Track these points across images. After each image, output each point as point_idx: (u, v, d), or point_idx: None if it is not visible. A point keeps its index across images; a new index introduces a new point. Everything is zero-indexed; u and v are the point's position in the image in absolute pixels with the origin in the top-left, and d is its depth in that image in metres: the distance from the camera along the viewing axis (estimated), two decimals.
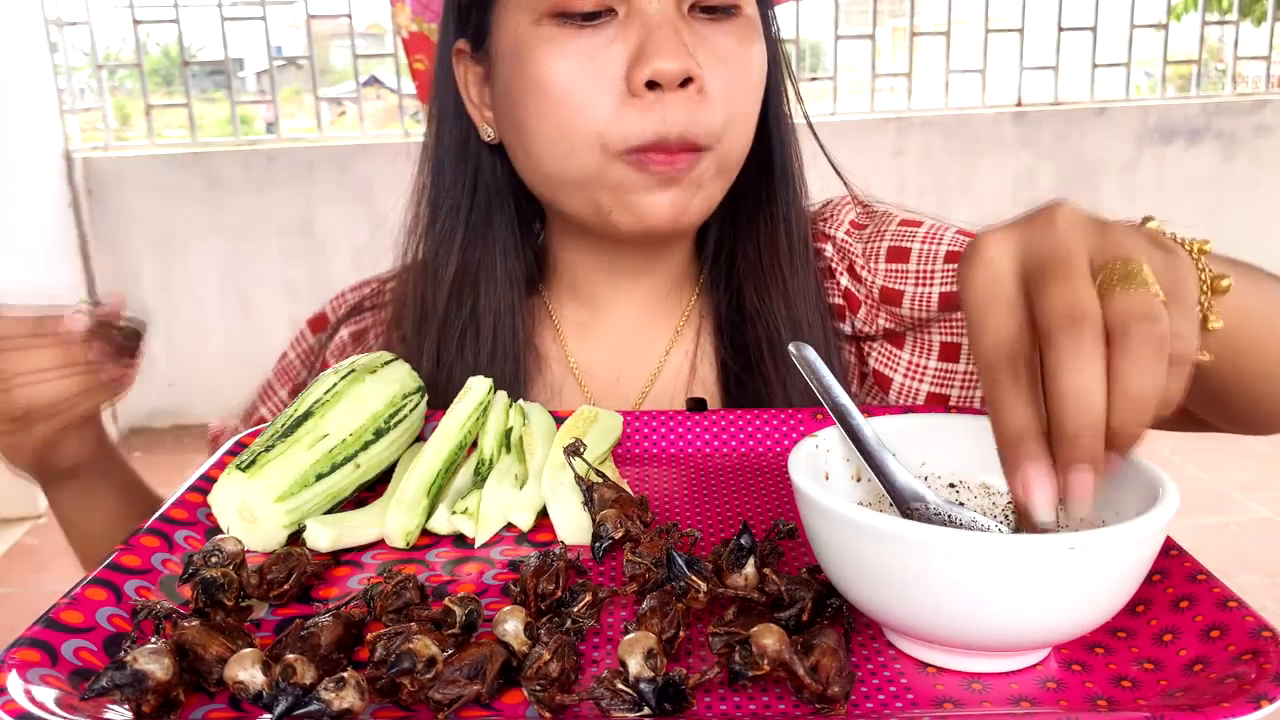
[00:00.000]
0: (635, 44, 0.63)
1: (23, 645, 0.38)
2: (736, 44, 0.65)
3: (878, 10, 3.89)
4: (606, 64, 0.63)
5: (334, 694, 0.34)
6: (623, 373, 0.77)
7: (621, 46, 0.63)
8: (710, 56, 0.64)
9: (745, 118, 0.67)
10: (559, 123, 0.64)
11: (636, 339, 0.78)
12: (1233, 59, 4.15)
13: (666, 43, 0.61)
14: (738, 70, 0.64)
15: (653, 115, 0.62)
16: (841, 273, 0.77)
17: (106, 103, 3.76)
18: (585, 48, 0.63)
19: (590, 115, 0.63)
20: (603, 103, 0.63)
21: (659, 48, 0.61)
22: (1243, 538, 2.66)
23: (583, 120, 0.64)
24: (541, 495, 0.56)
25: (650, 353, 0.77)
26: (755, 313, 0.74)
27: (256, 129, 4.32)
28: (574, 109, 0.63)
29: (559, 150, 0.65)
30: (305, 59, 3.87)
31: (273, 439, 0.54)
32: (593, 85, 0.63)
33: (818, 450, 0.48)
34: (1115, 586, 0.38)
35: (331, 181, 3.72)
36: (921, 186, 3.92)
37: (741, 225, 0.75)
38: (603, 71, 0.63)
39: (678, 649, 0.41)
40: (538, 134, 0.66)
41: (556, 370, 0.77)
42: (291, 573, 0.46)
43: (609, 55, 0.63)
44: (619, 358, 0.78)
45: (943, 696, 0.38)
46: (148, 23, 3.66)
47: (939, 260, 0.72)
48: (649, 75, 0.61)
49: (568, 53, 0.63)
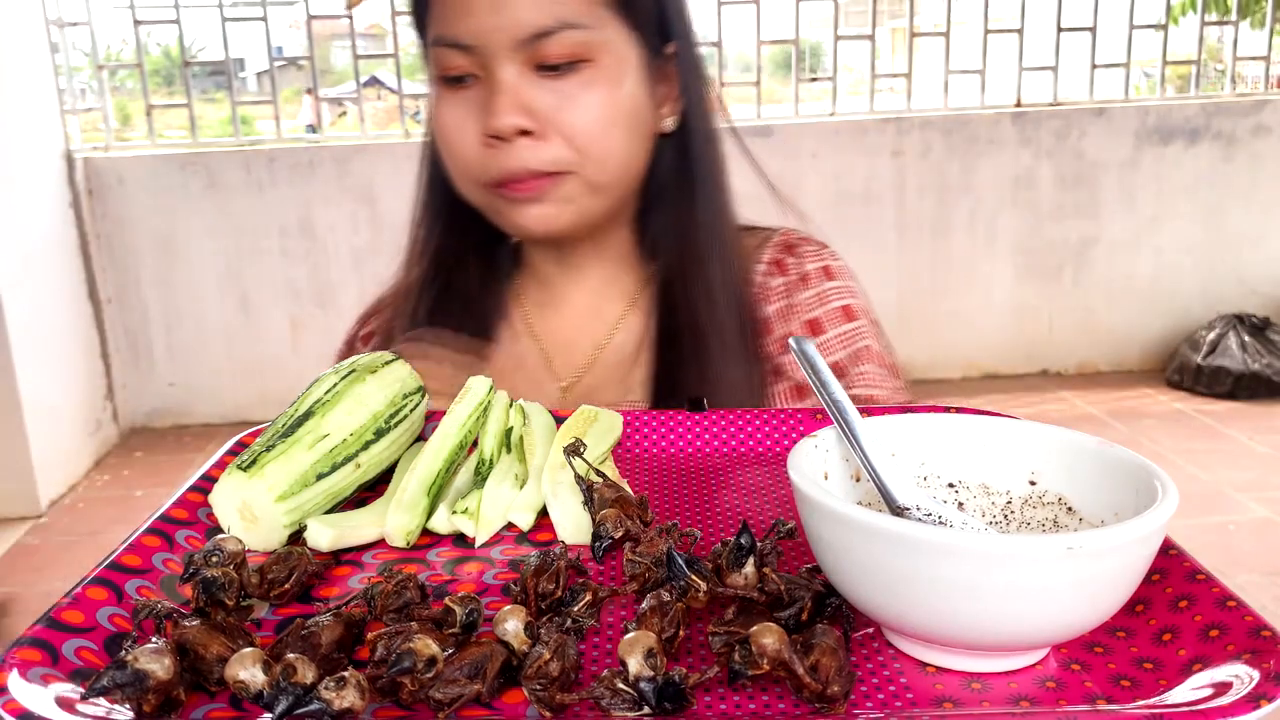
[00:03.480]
0: (485, 104, 0.77)
1: (24, 645, 0.38)
2: (583, 92, 0.77)
3: (877, 10, 3.89)
4: (468, 120, 0.78)
5: (334, 693, 0.34)
6: (576, 343, 0.90)
7: (478, 106, 0.78)
8: (557, 105, 0.77)
9: (601, 150, 0.79)
10: (451, 165, 0.82)
11: (588, 317, 0.90)
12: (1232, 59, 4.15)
13: (499, 105, 0.75)
14: (585, 112, 0.77)
15: (499, 158, 0.77)
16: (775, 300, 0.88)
17: (107, 103, 3.76)
18: (458, 106, 0.79)
19: (464, 160, 0.80)
20: (470, 149, 0.79)
21: (494, 110, 0.76)
22: (1242, 537, 2.66)
23: (460, 163, 0.80)
24: (541, 495, 0.56)
25: (600, 329, 0.90)
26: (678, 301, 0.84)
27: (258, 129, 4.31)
28: (454, 154, 0.80)
29: (459, 185, 0.83)
30: (306, 59, 3.88)
31: (273, 439, 0.54)
32: (463, 137, 0.79)
33: (817, 450, 0.48)
34: (1114, 586, 0.38)
35: (331, 181, 3.72)
36: (921, 186, 3.92)
37: (666, 222, 0.87)
38: (468, 126, 0.78)
39: (678, 648, 0.41)
40: (449, 172, 0.83)
41: (523, 340, 0.91)
42: (292, 572, 0.46)
43: (470, 113, 0.78)
44: (574, 331, 0.90)
45: (942, 696, 0.38)
46: (148, 23, 3.66)
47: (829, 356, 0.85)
48: (488, 131, 0.76)
49: (446, 109, 0.80)
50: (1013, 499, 0.48)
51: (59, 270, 3.47)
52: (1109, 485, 0.44)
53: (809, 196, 4.00)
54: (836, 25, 3.89)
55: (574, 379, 0.88)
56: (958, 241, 4.00)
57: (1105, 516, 0.44)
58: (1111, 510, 0.44)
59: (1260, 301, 4.07)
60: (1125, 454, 0.44)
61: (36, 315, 3.24)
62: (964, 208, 3.96)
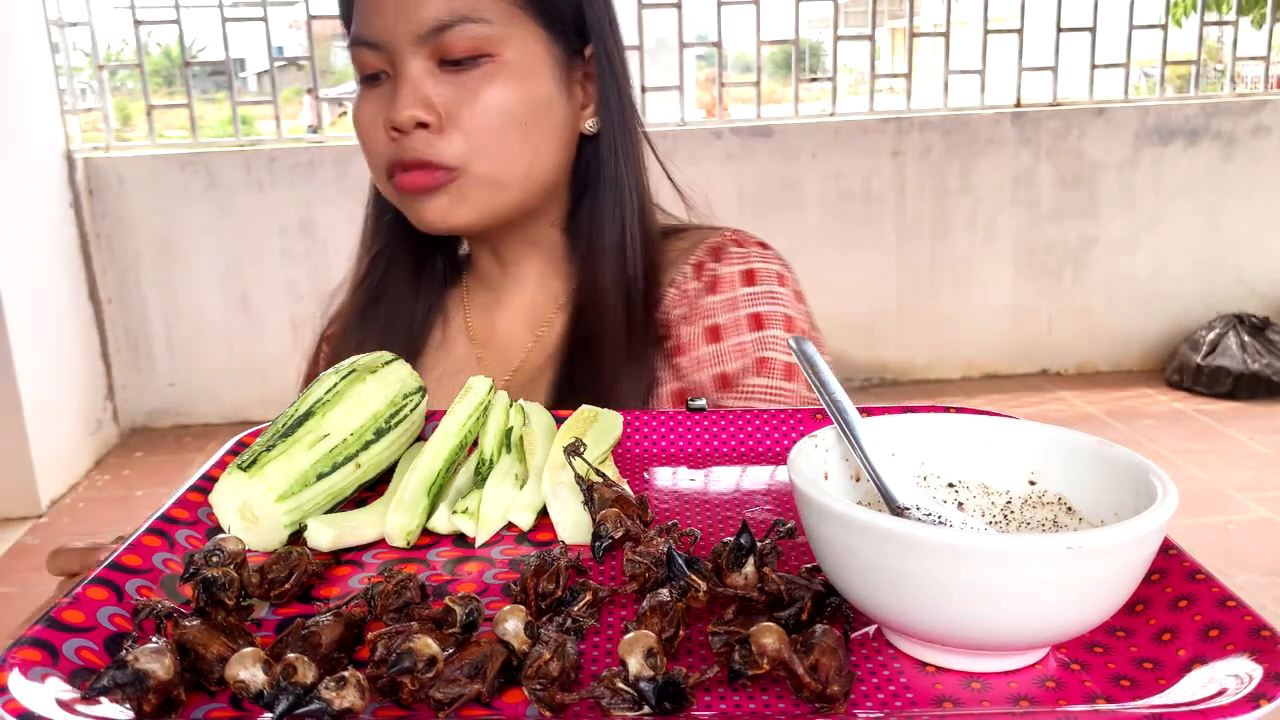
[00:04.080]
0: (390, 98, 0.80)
1: (24, 645, 0.38)
2: (481, 87, 0.79)
3: (877, 11, 3.89)
4: (378, 114, 0.81)
5: (335, 693, 0.34)
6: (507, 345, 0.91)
7: (385, 101, 0.80)
8: (457, 99, 0.79)
9: (497, 145, 0.80)
10: (365, 156, 0.84)
11: (522, 317, 0.92)
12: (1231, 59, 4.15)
13: (400, 98, 0.78)
14: (484, 108, 0.79)
15: (397, 149, 0.80)
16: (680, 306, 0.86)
17: (107, 103, 3.76)
18: (371, 101, 0.82)
19: (374, 152, 0.83)
20: (379, 143, 0.81)
21: (395, 103, 0.78)
22: (1241, 537, 2.66)
23: (371, 155, 0.83)
24: (541, 495, 0.56)
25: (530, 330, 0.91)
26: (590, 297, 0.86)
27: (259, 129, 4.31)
28: (366, 147, 0.83)
29: (373, 175, 0.86)
30: (306, 59, 3.88)
31: (273, 438, 0.54)
32: (372, 129, 0.82)
33: (817, 450, 0.48)
34: (1114, 586, 0.38)
35: (331, 181, 3.72)
36: (921, 187, 3.92)
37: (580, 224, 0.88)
38: (377, 120, 0.81)
39: (678, 648, 0.41)
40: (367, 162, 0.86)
41: (459, 343, 0.92)
42: (292, 572, 0.46)
43: (379, 108, 0.81)
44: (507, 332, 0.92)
45: (942, 695, 0.38)
46: (149, 23, 3.66)
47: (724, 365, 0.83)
48: (388, 123, 0.79)
49: (363, 104, 0.83)
50: (1012, 499, 0.48)
51: (59, 270, 3.47)
52: (1109, 485, 0.44)
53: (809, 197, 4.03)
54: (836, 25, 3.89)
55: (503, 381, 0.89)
56: (957, 241, 4.00)
57: (1105, 516, 0.44)
58: (1111, 510, 0.44)
59: (1260, 301, 4.07)
60: (1125, 454, 0.44)
61: (36, 315, 3.24)
62: (964, 208, 3.96)
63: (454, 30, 0.77)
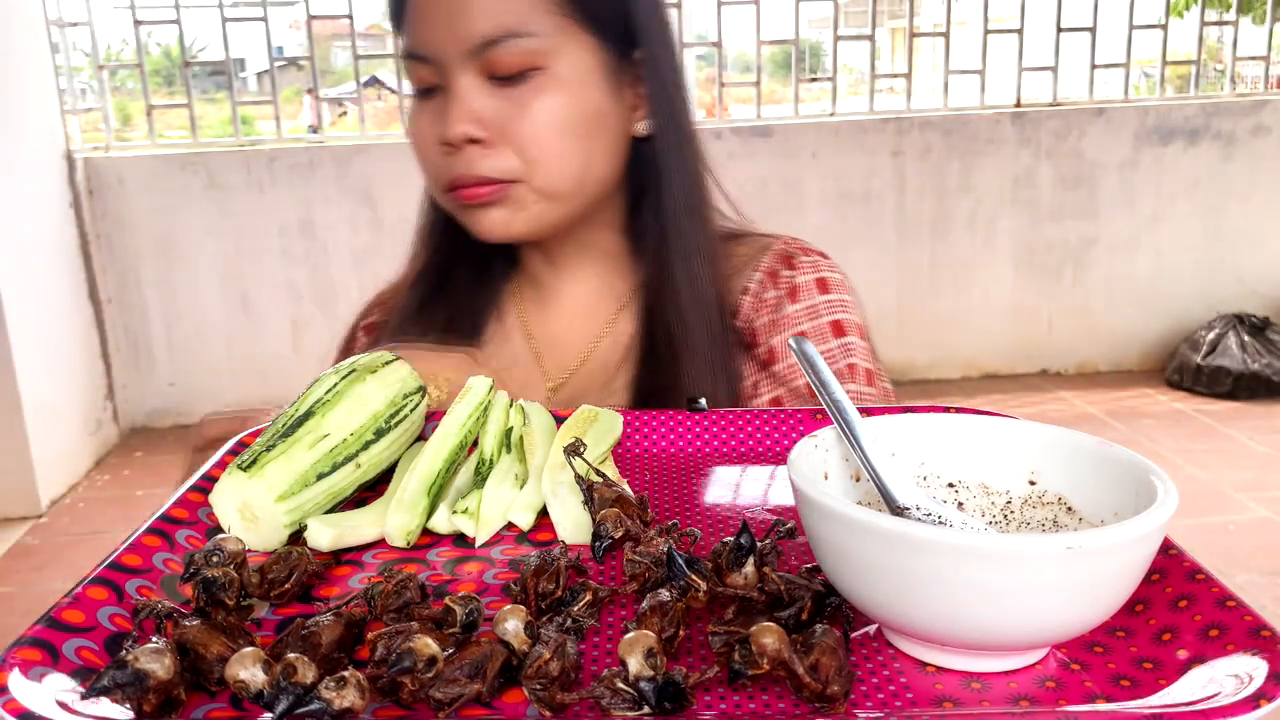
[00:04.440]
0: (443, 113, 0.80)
1: (24, 645, 0.38)
2: (531, 101, 0.79)
3: (877, 11, 3.89)
4: (431, 129, 0.81)
5: (335, 693, 0.34)
6: (567, 344, 0.91)
7: (438, 116, 0.80)
8: (507, 116, 0.79)
9: (550, 156, 0.80)
10: (420, 168, 0.85)
11: (580, 318, 0.91)
12: (1231, 59, 4.15)
13: (451, 114, 0.78)
14: (537, 120, 0.79)
15: (451, 164, 0.80)
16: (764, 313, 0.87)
17: (107, 103, 3.76)
18: (424, 116, 0.82)
19: (428, 164, 0.83)
20: (433, 155, 0.82)
21: (446, 119, 0.79)
22: (1241, 537, 2.66)
23: (426, 167, 0.84)
24: (541, 495, 0.56)
25: (590, 331, 0.91)
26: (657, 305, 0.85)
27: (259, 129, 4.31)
28: (421, 160, 0.84)
29: (429, 186, 0.87)
30: (306, 59, 3.88)
31: (274, 438, 0.54)
32: (426, 144, 0.82)
33: (817, 450, 0.48)
34: (1114, 586, 0.38)
35: (331, 181, 3.72)
36: (920, 186, 3.92)
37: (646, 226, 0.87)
38: (430, 134, 0.81)
39: (678, 648, 0.41)
40: None
41: (516, 339, 0.92)
42: (292, 572, 0.46)
43: (432, 122, 0.81)
44: (565, 331, 0.92)
45: (942, 695, 0.38)
46: (149, 23, 3.66)
47: None
48: (442, 139, 0.80)
49: (418, 119, 0.83)
50: (1012, 499, 0.48)
51: (59, 270, 3.47)
52: (1109, 485, 0.44)
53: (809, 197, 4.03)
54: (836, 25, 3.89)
55: (562, 379, 0.89)
56: (957, 241, 4.00)
57: (1105, 516, 0.44)
58: (1111, 510, 0.44)
59: (1260, 301, 4.07)
60: (1125, 454, 0.44)
61: (36, 315, 3.24)
62: (964, 208, 3.96)
63: (502, 46, 0.77)
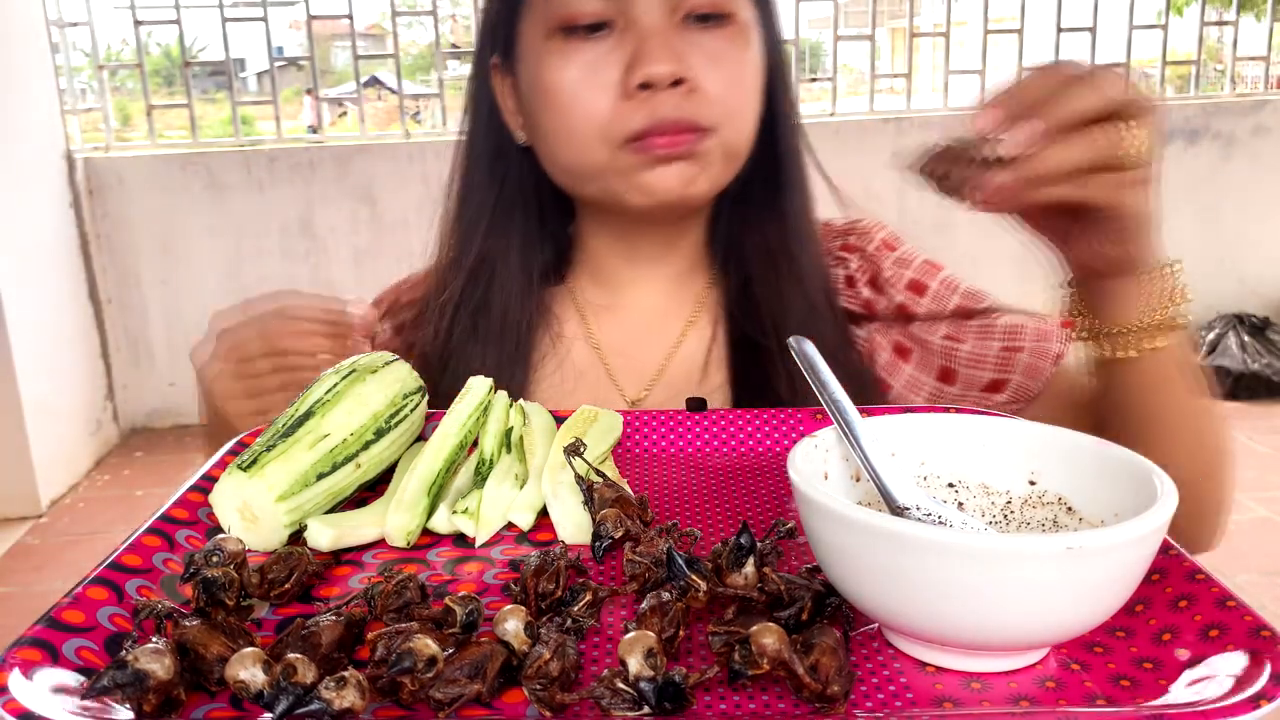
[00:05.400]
0: (630, 52, 0.71)
1: (24, 645, 0.38)
2: (728, 47, 0.72)
3: (877, 11, 3.89)
4: (604, 71, 0.71)
5: (335, 693, 0.34)
6: (641, 351, 0.84)
7: (618, 56, 0.71)
8: (703, 60, 0.72)
9: (742, 112, 0.74)
10: (567, 124, 0.73)
11: (655, 321, 0.84)
12: (1231, 59, 4.15)
13: (657, 50, 0.70)
14: (729, 70, 0.72)
15: (646, 108, 0.70)
16: (863, 284, 0.85)
17: (107, 103, 3.76)
18: (587, 58, 0.72)
19: (592, 116, 0.72)
20: (602, 104, 0.71)
21: (650, 54, 0.69)
22: (1242, 538, 2.66)
23: (586, 121, 0.72)
24: (541, 495, 0.56)
25: (668, 334, 0.84)
26: (762, 300, 0.80)
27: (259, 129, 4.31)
28: (578, 112, 0.72)
29: (571, 147, 0.74)
30: (306, 60, 3.88)
31: (274, 438, 0.54)
32: (593, 91, 0.71)
33: (817, 450, 0.48)
34: (1114, 586, 0.38)
35: (331, 181, 3.72)
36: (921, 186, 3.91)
37: (749, 217, 0.82)
38: (601, 78, 0.71)
39: (678, 648, 0.41)
40: (553, 135, 0.75)
41: (578, 349, 0.84)
42: (292, 572, 0.46)
43: (607, 64, 0.71)
44: (638, 337, 0.84)
45: (942, 696, 0.38)
46: (149, 23, 3.66)
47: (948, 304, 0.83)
48: (641, 79, 0.70)
49: (571, 62, 0.72)
50: (1012, 499, 0.48)
51: (59, 270, 3.47)
52: (1109, 485, 0.44)
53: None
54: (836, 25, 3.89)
55: (642, 392, 0.82)
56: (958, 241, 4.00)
57: (1105, 516, 0.44)
58: (1111, 510, 0.44)
59: (1260, 301, 4.07)
60: (1125, 454, 0.44)
61: (36, 315, 3.24)
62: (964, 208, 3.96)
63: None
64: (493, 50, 0.81)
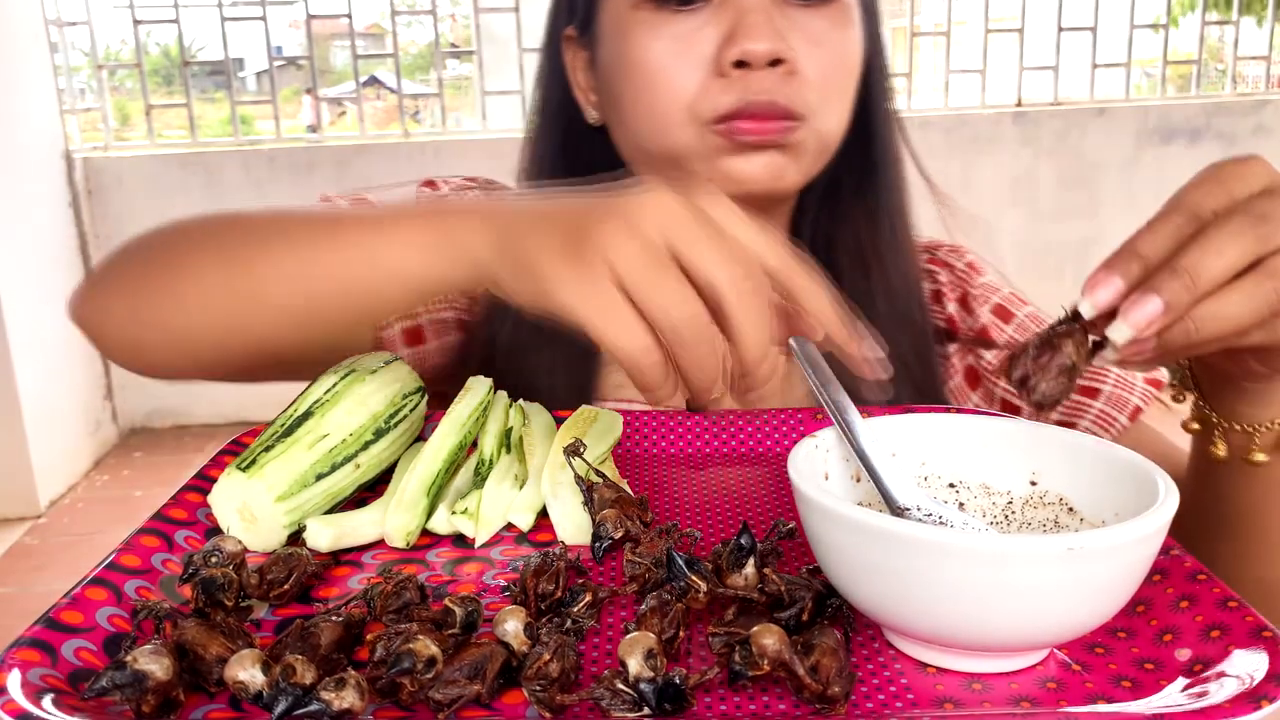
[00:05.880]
0: (727, 27, 0.66)
1: (23, 645, 0.38)
2: (830, 28, 0.68)
3: None
4: (698, 46, 0.67)
5: (334, 694, 0.34)
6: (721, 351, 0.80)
7: (714, 30, 0.67)
8: (804, 40, 0.67)
9: (840, 98, 0.69)
10: (652, 101, 0.68)
11: None
12: (1233, 59, 4.15)
13: (757, 25, 0.65)
14: (831, 53, 0.68)
15: (738, 87, 0.66)
16: (951, 300, 0.82)
17: (106, 103, 3.76)
18: (679, 31, 0.67)
19: (680, 92, 0.67)
20: (691, 81, 0.67)
21: (749, 30, 0.65)
22: None
23: (673, 97, 0.67)
24: (541, 495, 0.56)
25: None
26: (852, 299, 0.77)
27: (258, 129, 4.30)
28: (665, 88, 0.68)
29: (654, 126, 0.69)
30: (305, 59, 3.88)
31: (272, 439, 0.54)
32: (684, 66, 0.67)
33: (817, 450, 0.47)
34: (1115, 586, 0.38)
35: (331, 181, 3.71)
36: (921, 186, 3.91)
37: (840, 212, 0.77)
38: (694, 53, 0.67)
39: (678, 649, 0.41)
40: (634, 111, 0.70)
41: None
42: (291, 573, 0.46)
43: (701, 38, 0.67)
44: None
45: (943, 696, 0.38)
46: (148, 23, 3.66)
47: None
48: (738, 55, 0.65)
49: (661, 35, 0.67)
50: (1013, 499, 0.48)
51: (59, 270, 3.46)
52: (1110, 485, 0.44)
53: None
54: None
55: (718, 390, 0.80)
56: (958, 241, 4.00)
57: (1106, 517, 0.44)
58: (1112, 510, 0.44)
59: None
60: (1126, 454, 0.44)
61: (36, 315, 3.24)
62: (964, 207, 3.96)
63: None
64: (569, 20, 0.76)
